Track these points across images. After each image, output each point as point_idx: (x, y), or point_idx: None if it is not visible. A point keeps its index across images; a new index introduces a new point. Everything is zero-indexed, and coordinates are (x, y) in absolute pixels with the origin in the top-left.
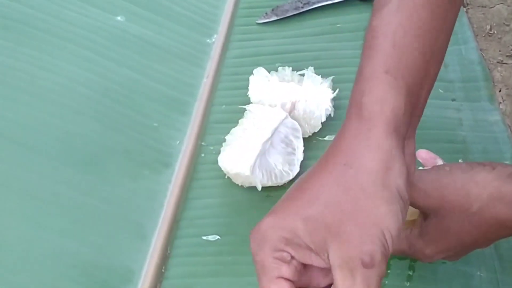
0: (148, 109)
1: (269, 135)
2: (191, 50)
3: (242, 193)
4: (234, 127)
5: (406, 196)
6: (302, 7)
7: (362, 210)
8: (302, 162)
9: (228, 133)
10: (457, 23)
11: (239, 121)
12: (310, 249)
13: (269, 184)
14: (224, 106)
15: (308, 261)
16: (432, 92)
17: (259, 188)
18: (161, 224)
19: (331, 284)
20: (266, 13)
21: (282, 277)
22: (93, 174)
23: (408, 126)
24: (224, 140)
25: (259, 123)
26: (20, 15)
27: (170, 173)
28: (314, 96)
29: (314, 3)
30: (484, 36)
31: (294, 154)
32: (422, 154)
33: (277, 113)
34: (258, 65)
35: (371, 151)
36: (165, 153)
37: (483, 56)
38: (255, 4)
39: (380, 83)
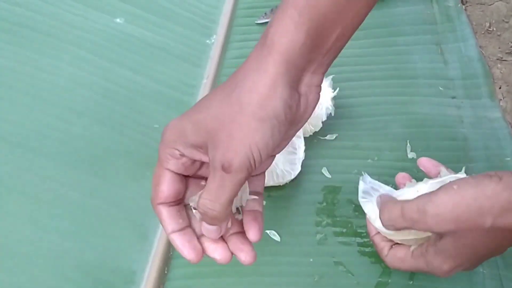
0: (148, 110)
1: None
2: (191, 50)
3: None
4: None
5: (282, 117)
6: None
7: (237, 124)
8: (303, 161)
9: None
10: (456, 21)
11: None
12: (195, 148)
13: (271, 183)
14: None
15: (196, 157)
16: (432, 89)
17: None
18: None
19: None
20: (265, 13)
21: (168, 169)
22: (95, 175)
23: (308, 61)
24: None
25: None
26: (21, 18)
27: None
28: None
29: None
30: (483, 33)
31: (295, 153)
32: (424, 163)
33: None
34: None
35: (258, 75)
36: None
37: (483, 53)
38: (254, 5)
39: (286, 17)
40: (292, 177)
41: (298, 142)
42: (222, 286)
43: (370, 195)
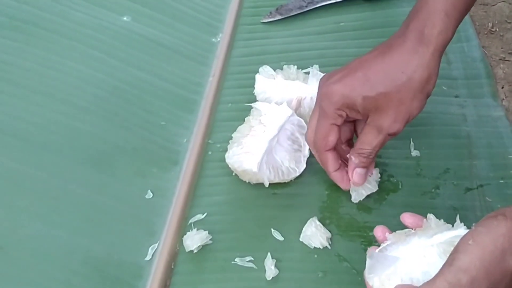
0: (155, 108)
1: (276, 132)
2: (197, 49)
3: (249, 190)
4: (240, 125)
5: (430, 93)
6: (306, 6)
7: (403, 103)
8: (308, 159)
9: (235, 131)
10: None
11: (246, 119)
12: (358, 113)
13: (276, 180)
14: (230, 104)
15: (357, 117)
16: (435, 88)
17: (267, 185)
18: (170, 221)
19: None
20: (270, 12)
21: (335, 124)
22: (103, 172)
23: (443, 48)
24: (231, 138)
25: (265, 121)
26: (29, 16)
27: (178, 171)
28: None
29: (317, 2)
30: (486, 34)
31: (300, 151)
32: (407, 219)
33: (283, 111)
34: (263, 63)
35: (422, 68)
36: (172, 151)
37: (486, 54)
38: (259, 4)
39: (440, 20)
40: (297, 174)
41: (303, 140)
42: (228, 281)
43: (377, 270)
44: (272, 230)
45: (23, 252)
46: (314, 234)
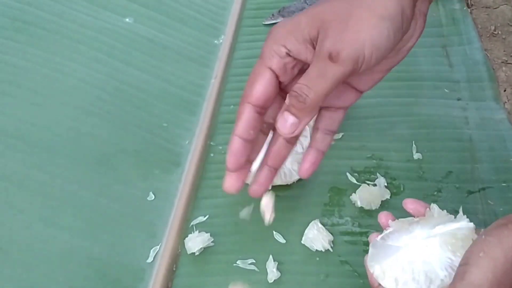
0: (157, 109)
1: None
2: (199, 51)
3: None
4: None
5: (398, 23)
6: None
7: (354, 17)
8: None
9: None
10: (461, 24)
11: None
12: (305, 43)
13: (278, 183)
14: (232, 106)
15: (302, 56)
16: (437, 91)
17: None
18: (171, 223)
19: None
20: (272, 15)
21: (270, 68)
22: (105, 173)
23: None
24: None
25: None
26: (31, 17)
27: (180, 172)
28: None
29: None
30: (488, 37)
31: (302, 153)
32: (410, 205)
33: None
34: None
35: None
36: (174, 152)
37: (488, 56)
38: (261, 6)
39: None
40: (299, 176)
41: (305, 142)
42: (229, 283)
43: (379, 258)
44: (274, 232)
45: (24, 253)
46: (316, 237)
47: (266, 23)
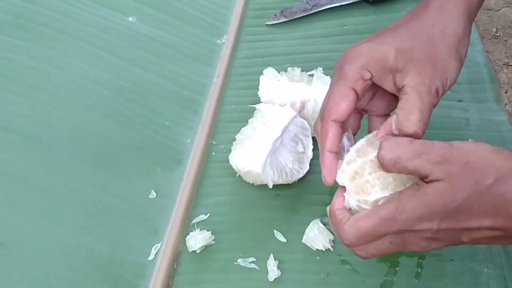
0: (160, 108)
1: (279, 133)
2: (202, 50)
3: (252, 191)
4: (244, 126)
5: (463, 61)
6: (311, 9)
7: (440, 58)
8: (311, 161)
9: (238, 132)
10: None
11: (249, 120)
12: (390, 72)
13: (280, 182)
14: (234, 106)
15: (382, 83)
16: None
17: (271, 186)
18: (173, 220)
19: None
20: (275, 15)
21: (354, 89)
22: (107, 170)
23: (472, 16)
24: (234, 139)
25: (269, 122)
26: (35, 15)
27: (182, 171)
28: (323, 96)
29: (322, 5)
30: (490, 39)
31: (304, 152)
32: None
33: (287, 112)
34: (267, 65)
35: (453, 23)
36: (176, 150)
37: (489, 58)
38: (264, 6)
39: None
40: (301, 175)
41: (307, 142)
42: (230, 281)
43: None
44: (275, 231)
45: (26, 249)
46: (316, 236)
47: (269, 23)
